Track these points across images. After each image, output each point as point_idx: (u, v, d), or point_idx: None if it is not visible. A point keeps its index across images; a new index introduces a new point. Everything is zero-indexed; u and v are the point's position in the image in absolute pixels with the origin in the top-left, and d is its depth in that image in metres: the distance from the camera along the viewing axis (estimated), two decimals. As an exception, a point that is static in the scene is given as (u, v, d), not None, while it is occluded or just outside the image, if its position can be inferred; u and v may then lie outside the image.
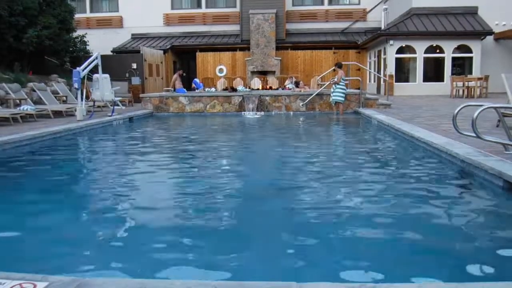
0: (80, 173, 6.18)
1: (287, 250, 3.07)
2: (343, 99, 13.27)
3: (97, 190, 5.06)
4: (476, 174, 4.85)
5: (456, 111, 5.67)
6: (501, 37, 21.00)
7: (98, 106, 14.20)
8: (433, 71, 21.30)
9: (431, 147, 6.36)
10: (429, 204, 4.15)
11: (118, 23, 28.28)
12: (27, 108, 11.48)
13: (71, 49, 20.34)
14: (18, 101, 12.75)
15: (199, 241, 3.28)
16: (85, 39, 21.38)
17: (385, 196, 4.52)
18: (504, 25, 20.79)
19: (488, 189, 4.51)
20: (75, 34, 20.73)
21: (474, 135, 5.29)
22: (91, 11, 28.57)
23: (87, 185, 5.44)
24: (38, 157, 7.27)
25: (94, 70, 12.56)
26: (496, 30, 20.41)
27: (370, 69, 24.34)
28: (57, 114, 12.40)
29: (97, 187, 5.20)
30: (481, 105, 5.28)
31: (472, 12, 21.21)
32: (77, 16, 22.04)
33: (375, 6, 26.39)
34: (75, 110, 11.38)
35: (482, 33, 20.14)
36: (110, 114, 12.28)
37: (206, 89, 17.20)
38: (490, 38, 20.87)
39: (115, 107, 13.25)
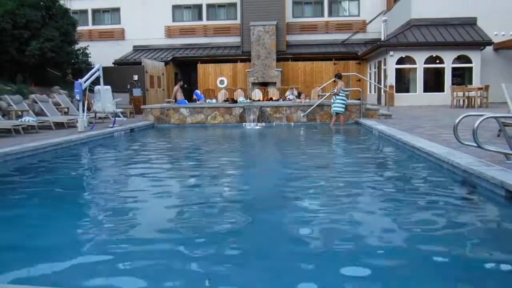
0: (80, 185, 6.17)
1: (288, 264, 3.06)
2: (343, 110, 13.29)
3: (96, 202, 5.05)
4: (478, 184, 4.84)
5: (457, 121, 5.68)
6: (500, 47, 21.09)
7: (100, 118, 14.23)
8: (433, 82, 21.36)
9: (432, 157, 6.36)
10: (430, 214, 4.15)
11: (120, 35, 28.49)
12: (29, 119, 11.52)
13: (73, 61, 20.47)
14: (20, 112, 12.78)
15: (199, 252, 3.27)
16: (87, 51, 21.52)
17: (386, 206, 4.52)
18: (503, 35, 20.89)
19: (490, 199, 4.50)
20: (77, 46, 20.87)
21: (475, 145, 5.30)
22: (93, 23, 28.81)
23: (86, 197, 5.43)
24: (39, 168, 7.27)
25: (96, 82, 12.62)
26: (496, 40, 20.50)
27: (370, 79, 24.41)
28: (59, 125, 12.43)
29: (96, 199, 5.19)
30: (481, 115, 5.30)
31: (471, 22, 21.32)
32: (79, 28, 22.18)
33: (375, 18, 26.57)
34: (77, 122, 11.41)
35: (481, 43, 20.24)
36: (111, 125, 12.31)
37: (207, 101, 17.24)
38: (489, 48, 20.94)
39: (117, 118, 13.28)
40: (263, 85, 24.24)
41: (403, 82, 21.79)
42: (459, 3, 21.21)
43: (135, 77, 21.03)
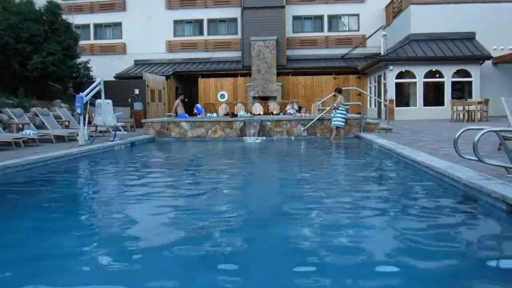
0: (79, 199, 6.17)
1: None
2: (343, 124, 13.31)
3: (95, 216, 5.04)
4: (479, 198, 4.83)
5: (457, 135, 5.69)
6: (499, 62, 21.20)
7: (100, 131, 14.25)
8: (433, 96, 21.44)
9: (433, 171, 6.35)
10: (431, 228, 4.13)
11: (121, 49, 28.68)
12: (30, 132, 11.55)
13: (74, 75, 20.60)
14: (20, 125, 12.81)
15: (198, 269, 3.25)
16: (88, 65, 21.66)
17: (386, 221, 4.51)
18: (502, 49, 21.02)
19: (491, 213, 4.48)
20: (79, 60, 21.01)
21: (476, 158, 5.30)
22: (95, 38, 29.04)
23: (85, 211, 5.41)
24: (39, 181, 7.27)
25: (97, 96, 12.66)
26: (494, 54, 20.62)
27: (370, 94, 24.50)
28: (59, 139, 12.44)
29: (95, 213, 5.17)
30: (481, 129, 5.30)
31: (469, 37, 21.47)
32: (81, 42, 22.35)
33: (374, 33, 26.76)
34: (77, 135, 11.43)
35: (480, 57, 20.35)
36: (112, 139, 12.32)
37: (208, 115, 17.29)
38: (488, 63, 21.06)
39: (117, 132, 13.31)
40: (264, 99, 24.34)
41: (403, 96, 21.87)
42: (458, 18, 21.37)
43: (136, 91, 21.14)
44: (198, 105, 18.67)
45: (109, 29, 29.26)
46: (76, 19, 25.03)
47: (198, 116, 17.01)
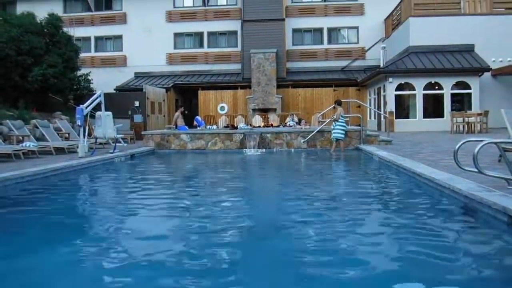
0: (79, 211, 6.14)
1: None
2: (343, 136, 13.32)
3: (94, 229, 5.01)
4: (479, 209, 4.81)
5: (457, 146, 5.69)
6: (498, 73, 21.27)
7: (100, 143, 14.26)
8: (433, 107, 21.48)
9: (433, 183, 6.34)
10: (432, 240, 4.11)
11: (122, 62, 28.81)
12: (30, 144, 11.55)
13: (75, 87, 20.67)
14: (21, 137, 12.82)
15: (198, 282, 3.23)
16: (89, 77, 21.75)
17: (387, 232, 4.49)
18: (501, 61, 21.11)
19: (493, 225, 4.46)
20: (79, 73, 21.10)
21: (476, 170, 5.29)
22: (96, 50, 29.19)
23: (84, 224, 5.38)
24: (39, 194, 7.24)
25: (97, 108, 12.69)
26: (493, 66, 20.70)
27: (370, 106, 24.54)
28: (59, 150, 12.44)
29: (94, 226, 5.14)
30: (481, 141, 5.30)
31: (468, 49, 21.56)
32: (82, 55, 22.47)
33: (374, 45, 26.91)
34: (77, 147, 11.43)
35: (479, 69, 20.42)
36: (112, 151, 12.32)
37: (208, 127, 17.31)
38: (487, 75, 21.13)
39: (117, 144, 13.30)
40: (264, 111, 24.38)
41: (402, 108, 21.90)
42: (457, 31, 21.49)
43: (136, 103, 21.19)
44: (198, 117, 18.70)
45: (110, 42, 29.43)
46: (77, 32, 25.19)
47: (198, 128, 17.02)
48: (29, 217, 5.52)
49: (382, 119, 21.93)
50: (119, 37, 29.06)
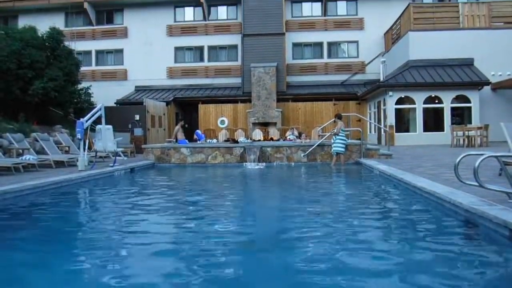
0: (78, 225, 6.09)
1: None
2: (343, 150, 13.31)
3: (93, 244, 4.95)
4: (480, 223, 4.78)
5: (458, 160, 5.67)
6: (498, 87, 21.35)
7: (100, 157, 14.24)
8: (433, 121, 21.50)
9: (434, 196, 6.31)
10: (433, 255, 4.08)
11: (122, 75, 28.94)
12: (29, 158, 11.54)
13: (75, 100, 20.71)
14: (20, 150, 12.81)
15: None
16: (89, 91, 21.80)
17: (388, 247, 4.46)
18: (500, 75, 21.20)
19: (494, 239, 4.43)
20: (80, 86, 21.17)
21: (477, 184, 5.27)
22: (97, 64, 29.35)
23: (83, 238, 5.33)
24: (38, 207, 7.21)
25: (97, 121, 12.70)
26: (493, 80, 20.77)
27: (370, 120, 24.58)
28: (59, 164, 12.42)
29: (93, 241, 5.09)
30: (482, 154, 5.29)
31: (468, 63, 21.65)
32: (82, 68, 22.59)
33: (374, 59, 27.06)
34: (77, 161, 11.41)
35: (479, 83, 20.48)
36: (111, 164, 12.30)
37: (208, 140, 17.31)
38: (487, 88, 21.20)
39: (117, 157, 13.29)
40: (264, 125, 24.42)
41: (403, 122, 21.92)
42: (456, 45, 21.62)
43: (137, 117, 21.24)
44: (198, 131, 18.72)
45: (111, 55, 29.60)
46: (78, 46, 25.34)
47: (198, 142, 17.02)
48: (26, 231, 5.48)
49: (382, 133, 21.94)
50: (120, 51, 29.23)
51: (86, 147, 11.90)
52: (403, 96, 21.37)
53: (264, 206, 7.47)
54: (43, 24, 20.77)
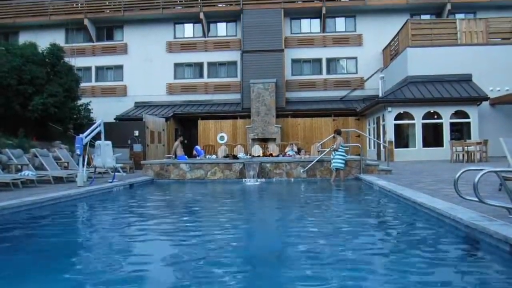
0: (76, 242, 6.05)
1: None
2: (343, 165, 13.28)
3: (91, 261, 4.91)
4: (481, 239, 4.75)
5: (457, 175, 5.66)
6: (496, 102, 21.42)
7: (99, 173, 14.22)
8: (432, 137, 21.52)
9: (434, 212, 6.28)
10: (434, 271, 4.05)
11: (122, 91, 29.03)
12: (28, 173, 11.52)
13: (75, 116, 20.72)
14: (19, 166, 12.79)
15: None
16: (89, 106, 21.84)
17: (388, 262, 4.42)
18: (499, 90, 21.28)
19: (495, 254, 4.40)
20: (79, 102, 21.21)
21: (477, 199, 5.25)
22: (97, 80, 29.46)
23: (81, 255, 5.29)
24: (36, 223, 7.16)
25: (97, 137, 12.69)
26: (491, 95, 20.85)
27: (369, 135, 24.61)
28: (58, 180, 12.40)
29: (91, 258, 5.04)
30: (481, 170, 5.28)
31: (466, 79, 21.75)
32: (82, 84, 22.65)
33: (372, 75, 27.18)
34: (76, 176, 11.38)
35: (477, 98, 20.54)
36: (110, 180, 12.27)
37: (207, 156, 17.30)
38: (486, 104, 21.27)
39: (116, 173, 13.26)
40: (263, 141, 24.43)
41: (402, 138, 21.94)
42: (454, 61, 21.74)
43: (136, 133, 21.25)
44: (198, 147, 18.71)
45: (111, 72, 29.72)
46: (78, 62, 25.45)
47: (197, 158, 17.00)
48: (23, 248, 5.44)
49: (381, 148, 21.95)
50: (120, 67, 29.36)
51: (85, 163, 11.88)
52: (402, 112, 21.42)
53: (263, 228, 7.40)
54: (43, 40, 20.91)
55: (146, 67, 28.72)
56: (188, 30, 29.40)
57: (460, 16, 25.72)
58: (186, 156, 16.46)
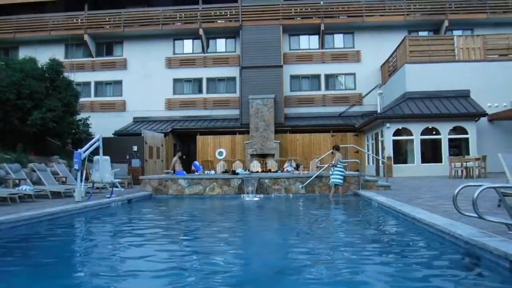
0: (72, 258, 6.00)
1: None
2: (341, 181, 13.24)
3: (88, 278, 4.87)
4: (481, 255, 4.72)
5: (456, 191, 5.65)
6: (494, 118, 21.50)
7: (97, 188, 14.17)
8: (431, 152, 21.53)
9: (433, 228, 6.25)
10: (435, 286, 4.01)
11: (121, 107, 29.08)
12: (26, 188, 11.47)
13: (74, 131, 20.72)
14: (17, 181, 12.75)
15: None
16: (88, 121, 21.85)
17: (388, 281, 4.39)
18: (497, 106, 21.37)
19: (494, 271, 4.37)
20: (78, 117, 21.23)
21: (476, 215, 5.23)
22: (96, 95, 29.53)
23: (78, 271, 5.24)
24: (33, 239, 7.11)
25: (95, 152, 12.68)
26: (489, 111, 20.93)
27: (368, 151, 24.60)
28: (56, 195, 12.34)
29: (88, 274, 5.00)
30: (480, 185, 5.27)
31: (464, 95, 21.85)
32: (81, 99, 22.69)
33: (371, 91, 27.29)
34: (74, 191, 11.33)
35: (476, 114, 20.61)
36: (108, 195, 12.22)
37: (206, 172, 17.25)
38: (484, 120, 21.33)
39: (114, 189, 13.21)
40: (262, 156, 24.40)
41: (400, 153, 21.94)
42: (452, 77, 21.86)
43: (135, 148, 21.22)
44: (196, 163, 18.68)
45: (110, 87, 29.81)
46: (78, 77, 25.56)
47: (196, 173, 16.97)
48: (19, 263, 5.40)
49: (380, 164, 21.94)
50: (119, 82, 29.47)
51: (83, 178, 11.84)
52: (400, 128, 21.47)
53: (261, 247, 7.35)
54: (43, 56, 21.01)
55: (145, 83, 28.83)
56: (188, 46, 29.58)
57: (457, 33, 25.91)
58: (184, 172, 16.43)
